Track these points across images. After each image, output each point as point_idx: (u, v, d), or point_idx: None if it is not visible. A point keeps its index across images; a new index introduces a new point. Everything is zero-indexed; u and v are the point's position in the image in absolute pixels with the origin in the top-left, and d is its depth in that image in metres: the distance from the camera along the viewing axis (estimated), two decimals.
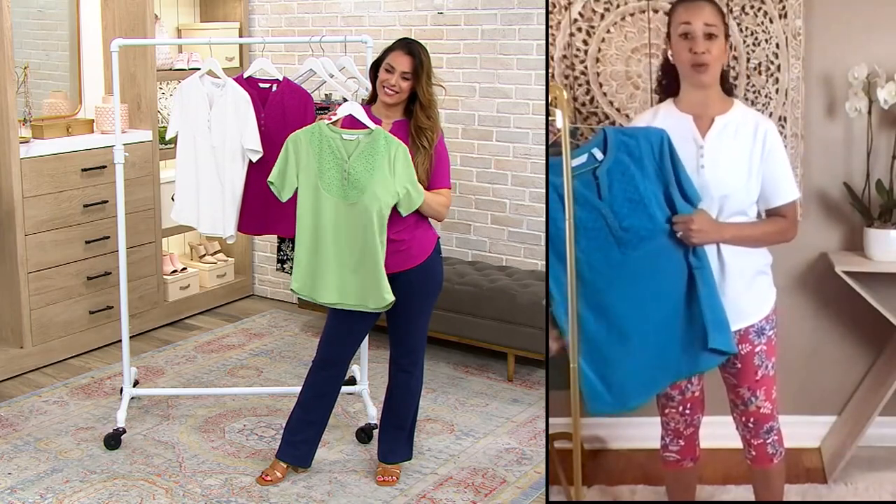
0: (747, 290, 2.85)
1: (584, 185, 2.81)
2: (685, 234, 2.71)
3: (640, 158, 2.80)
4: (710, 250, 2.79)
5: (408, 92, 3.18)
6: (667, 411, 3.02)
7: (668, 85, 2.85)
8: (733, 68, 3.32)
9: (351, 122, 3.19)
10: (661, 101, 2.88)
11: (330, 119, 3.19)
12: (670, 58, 2.79)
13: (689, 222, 2.71)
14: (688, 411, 2.99)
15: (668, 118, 2.80)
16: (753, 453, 3.04)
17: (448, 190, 3.27)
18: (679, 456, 3.07)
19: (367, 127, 3.14)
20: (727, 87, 2.81)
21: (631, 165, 2.80)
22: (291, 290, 3.25)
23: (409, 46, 3.18)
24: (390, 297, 3.14)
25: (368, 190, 3.08)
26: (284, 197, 3.21)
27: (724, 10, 2.75)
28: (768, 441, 3.00)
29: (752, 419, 2.98)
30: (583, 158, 2.78)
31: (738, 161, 2.75)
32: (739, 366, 2.91)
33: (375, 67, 3.23)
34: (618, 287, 2.83)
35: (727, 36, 2.72)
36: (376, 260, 3.11)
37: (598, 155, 2.80)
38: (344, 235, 3.15)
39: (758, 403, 2.95)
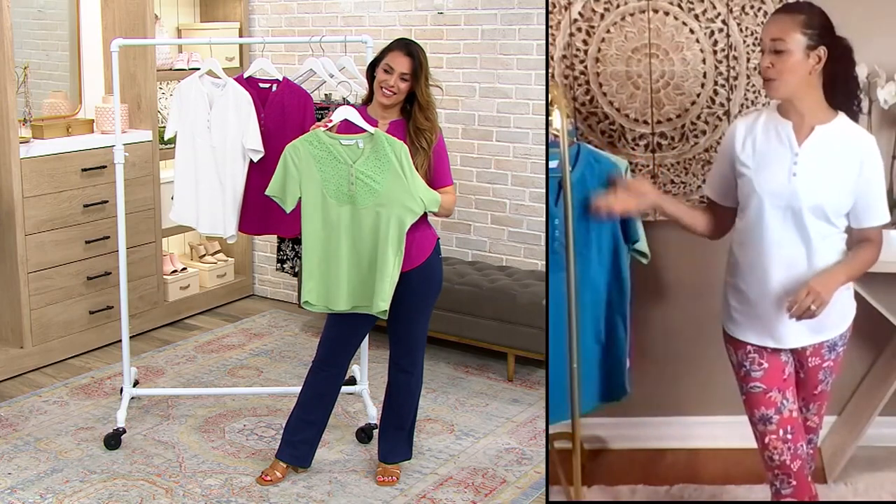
0: (832, 304, 2.72)
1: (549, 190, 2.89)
2: (817, 303, 2.59)
3: (601, 181, 2.90)
4: (801, 263, 2.71)
5: (406, 93, 3.18)
6: (767, 440, 2.83)
7: None
8: (733, 68, 3.32)
9: (347, 127, 3.18)
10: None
11: (326, 126, 3.17)
12: None
13: (812, 293, 2.59)
14: (790, 436, 2.81)
15: (770, 121, 2.74)
16: None
17: (452, 186, 3.27)
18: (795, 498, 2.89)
19: (364, 130, 3.13)
20: (832, 101, 2.69)
21: (590, 186, 2.93)
22: (306, 302, 3.18)
23: (407, 47, 3.17)
24: (385, 307, 3.13)
25: (384, 194, 3.07)
26: (289, 208, 3.18)
27: (820, 21, 2.61)
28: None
29: None
30: (554, 164, 2.84)
31: (832, 173, 2.66)
32: (803, 376, 2.87)
33: (373, 68, 3.22)
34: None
35: (811, 47, 2.58)
36: (385, 267, 3.10)
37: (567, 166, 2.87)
38: (355, 241, 3.13)
39: (808, 415, 2.92)
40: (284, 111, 3.66)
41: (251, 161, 3.67)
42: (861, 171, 2.68)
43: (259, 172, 3.64)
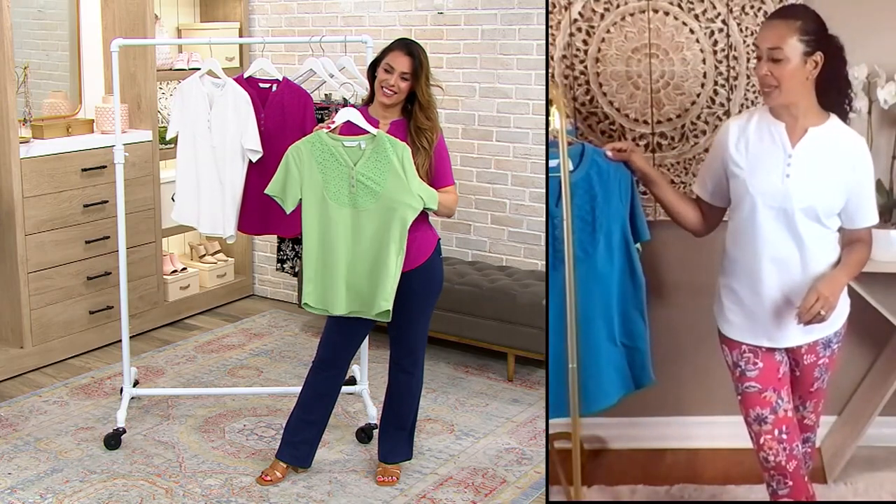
0: None
1: (549, 190, 2.88)
2: (826, 307, 2.62)
3: (607, 182, 2.88)
4: (794, 263, 2.73)
5: (406, 92, 3.18)
6: (762, 440, 2.86)
7: None
8: (733, 68, 3.32)
9: (349, 129, 3.18)
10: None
11: (328, 127, 3.17)
12: None
13: (821, 298, 2.61)
14: (784, 436, 2.84)
15: (762, 122, 2.74)
16: None
17: (453, 186, 3.27)
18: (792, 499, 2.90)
19: (367, 132, 3.13)
20: (824, 102, 2.69)
21: (596, 185, 2.89)
22: (305, 304, 3.20)
23: (408, 47, 3.17)
24: (387, 306, 3.13)
25: (385, 195, 3.07)
26: (289, 209, 3.17)
27: (815, 25, 2.62)
28: (802, 451, 2.96)
29: None
30: (554, 163, 2.83)
31: (825, 175, 2.67)
32: (798, 374, 2.88)
33: (373, 67, 3.22)
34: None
35: (808, 53, 2.59)
36: (387, 266, 3.10)
37: (570, 165, 2.85)
38: (355, 244, 3.13)
39: (804, 413, 2.93)
40: (284, 111, 3.66)
41: (251, 161, 3.67)
42: (854, 173, 2.69)
43: (258, 173, 3.64)
